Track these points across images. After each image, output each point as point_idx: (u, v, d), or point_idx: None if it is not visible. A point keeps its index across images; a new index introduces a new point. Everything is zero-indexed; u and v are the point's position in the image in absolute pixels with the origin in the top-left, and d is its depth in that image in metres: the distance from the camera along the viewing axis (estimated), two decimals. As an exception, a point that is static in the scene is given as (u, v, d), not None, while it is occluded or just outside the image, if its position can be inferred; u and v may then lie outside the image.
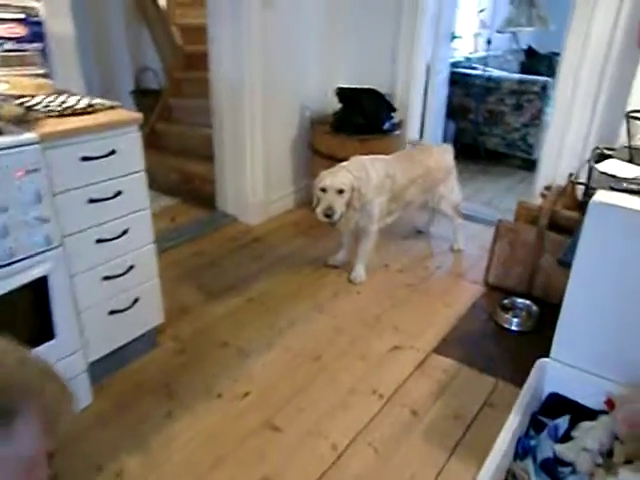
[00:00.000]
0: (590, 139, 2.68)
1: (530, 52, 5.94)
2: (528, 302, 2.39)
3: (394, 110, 3.25)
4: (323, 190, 2.39)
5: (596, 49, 2.55)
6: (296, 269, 2.81)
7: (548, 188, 2.76)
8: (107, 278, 1.78)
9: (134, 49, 4.50)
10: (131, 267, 1.86)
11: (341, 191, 2.37)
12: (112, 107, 1.75)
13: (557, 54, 6.12)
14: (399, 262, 2.89)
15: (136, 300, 1.92)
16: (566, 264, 1.84)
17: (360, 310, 2.46)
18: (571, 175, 2.57)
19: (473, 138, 4.59)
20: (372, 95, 3.13)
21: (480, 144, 4.56)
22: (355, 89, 3.19)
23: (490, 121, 4.53)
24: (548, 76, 5.43)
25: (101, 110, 1.71)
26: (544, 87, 4.11)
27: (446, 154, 2.82)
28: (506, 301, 2.40)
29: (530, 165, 4.50)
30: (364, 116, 3.10)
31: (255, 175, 3.24)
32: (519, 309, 2.40)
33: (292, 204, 3.59)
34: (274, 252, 2.98)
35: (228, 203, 3.41)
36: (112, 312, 1.84)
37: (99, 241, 1.72)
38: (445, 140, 4.30)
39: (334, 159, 3.18)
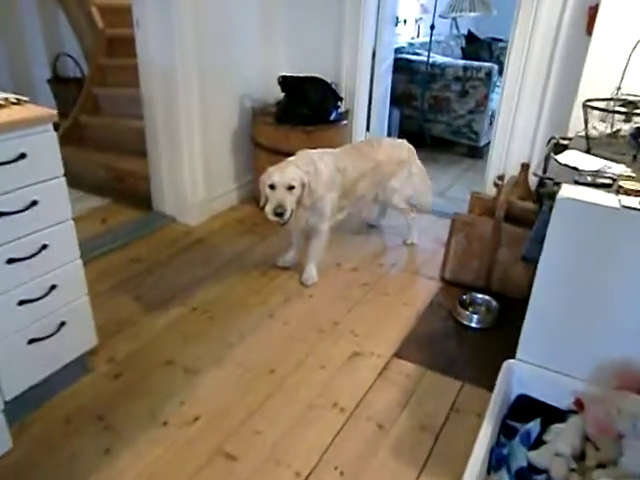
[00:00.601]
0: (540, 127, 2.64)
1: (470, 37, 5.94)
2: (487, 297, 2.32)
3: (340, 99, 3.09)
4: (272, 187, 2.21)
5: (545, 34, 2.49)
6: (243, 272, 2.62)
7: (501, 178, 2.71)
8: (23, 302, 1.53)
9: (49, 33, 4.10)
10: (53, 287, 1.61)
11: (291, 187, 2.20)
12: (18, 102, 1.49)
13: (497, 40, 6.22)
14: (352, 260, 2.76)
15: (62, 324, 1.67)
16: (530, 260, 1.77)
17: (314, 315, 2.31)
18: (524, 166, 2.51)
19: (418, 125, 4.52)
20: (317, 84, 2.96)
21: (426, 131, 4.50)
22: (299, 77, 3.00)
23: (435, 108, 4.47)
24: (489, 62, 5.48)
25: (3, 106, 1.43)
26: (489, 73, 4.08)
27: (396, 147, 2.70)
28: (465, 297, 2.33)
29: (476, 152, 4.51)
30: (309, 106, 2.93)
31: (194, 171, 3.00)
32: (478, 304, 2.33)
33: (236, 200, 3.38)
34: (218, 254, 2.77)
35: (165, 202, 3.15)
36: (32, 341, 1.59)
37: (11, 261, 1.46)
38: (390, 128, 4.20)
39: (278, 153, 3.01)
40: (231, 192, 3.33)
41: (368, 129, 3.60)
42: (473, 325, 2.21)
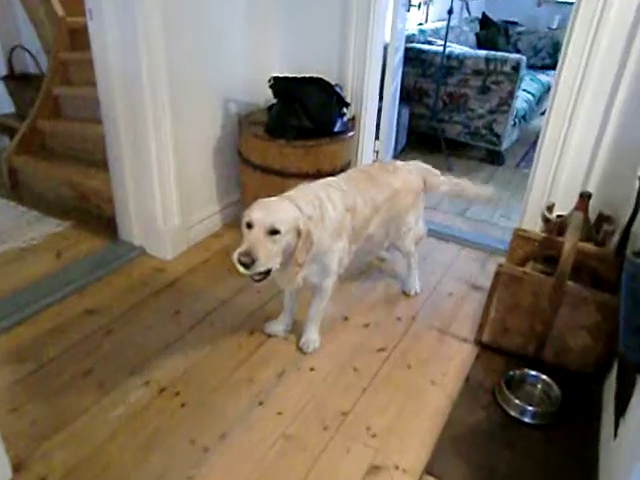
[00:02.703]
0: (602, 145, 2.08)
1: (484, 21, 5.33)
2: (544, 377, 1.78)
3: (346, 105, 2.51)
4: (249, 226, 1.61)
5: (617, 25, 1.91)
6: (226, 331, 2.07)
7: (550, 208, 2.15)
8: None
9: (2, 23, 3.49)
10: None
11: (274, 232, 1.59)
12: None
13: (512, 23, 5.61)
14: (362, 312, 2.22)
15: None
16: (633, 362, 1.24)
17: (317, 399, 1.77)
18: (585, 196, 1.96)
19: (430, 126, 3.94)
20: (318, 86, 2.38)
21: (439, 133, 3.92)
22: (295, 79, 2.42)
23: (451, 106, 3.89)
24: (506, 50, 4.88)
25: None
26: (516, 67, 3.49)
27: (413, 172, 2.13)
28: (513, 374, 1.79)
29: (496, 157, 3.95)
30: (308, 115, 2.35)
31: (166, 192, 2.43)
32: (531, 386, 1.80)
33: (219, 225, 2.82)
34: (195, 304, 2.22)
35: (133, 230, 2.59)
36: None
37: None
38: (397, 130, 3.62)
39: (269, 172, 2.45)
40: (213, 216, 2.76)
41: (377, 137, 3.02)
42: (527, 420, 1.67)
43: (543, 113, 5.09)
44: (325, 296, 1.93)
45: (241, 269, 1.56)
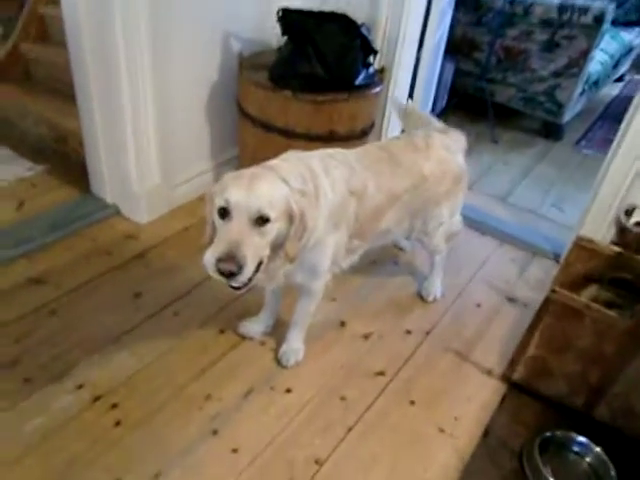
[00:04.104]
0: None
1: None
2: (597, 449, 1.32)
3: (374, 52, 1.98)
4: (224, 212, 1.16)
5: None
6: (191, 326, 1.68)
7: (630, 213, 1.63)
8: None
9: None
10: None
11: (264, 219, 1.15)
12: None
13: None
14: (364, 317, 1.78)
15: None
16: None
17: (287, 437, 1.38)
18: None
19: (477, 87, 3.33)
20: (338, 25, 1.84)
21: (486, 96, 3.30)
22: (310, 13, 1.90)
23: (506, 64, 3.26)
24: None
25: None
26: (599, 18, 2.81)
27: (452, 149, 1.62)
28: (551, 435, 1.35)
29: (553, 131, 3.35)
30: (322, 61, 1.84)
31: (142, 145, 2.00)
32: (576, 455, 1.35)
33: (211, 186, 2.37)
34: (162, 285, 1.83)
35: (106, 186, 2.18)
36: None
37: None
38: (437, 88, 3.04)
39: (270, 130, 1.99)
40: (204, 175, 2.33)
41: (411, 95, 2.48)
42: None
43: (618, 80, 4.45)
44: (314, 299, 1.50)
45: (220, 278, 1.13)
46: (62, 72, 2.75)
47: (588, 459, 1.33)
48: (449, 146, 1.60)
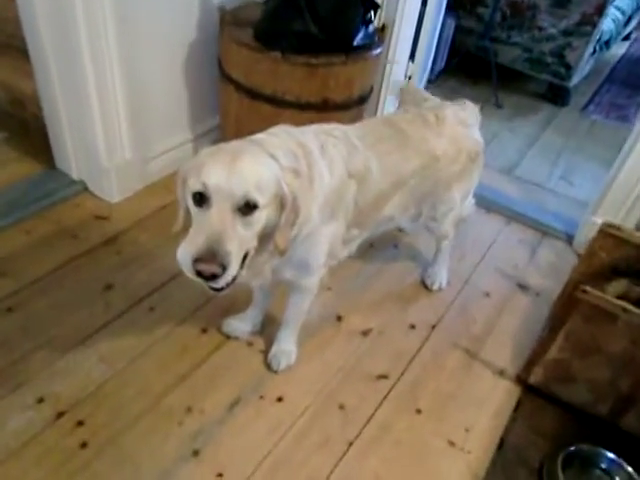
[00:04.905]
0: None
1: None
2: (629, 469, 1.17)
3: (375, 7, 1.72)
4: (200, 198, 0.95)
5: None
6: (169, 324, 1.49)
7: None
8: None
9: None
10: None
11: (251, 206, 0.94)
12: None
13: None
14: (362, 310, 1.60)
15: None
16: None
17: (279, 456, 1.22)
18: None
19: (479, 46, 3.07)
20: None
21: (490, 56, 3.06)
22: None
23: (511, 21, 3.01)
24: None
25: None
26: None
27: (466, 122, 1.40)
28: (576, 450, 1.20)
29: (560, 95, 3.12)
30: (316, 18, 1.59)
31: (110, 113, 1.75)
32: (603, 473, 1.21)
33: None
34: (135, 275, 1.62)
35: (70, 159, 1.93)
36: None
37: None
38: (437, 47, 2.78)
39: (257, 97, 1.75)
40: (182, 146, 2.09)
41: (412, 58, 2.23)
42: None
43: (626, 38, 4.20)
44: (307, 296, 1.31)
45: (198, 280, 0.94)
46: (14, 26, 2.45)
47: (618, 478, 1.19)
48: (464, 119, 1.39)
